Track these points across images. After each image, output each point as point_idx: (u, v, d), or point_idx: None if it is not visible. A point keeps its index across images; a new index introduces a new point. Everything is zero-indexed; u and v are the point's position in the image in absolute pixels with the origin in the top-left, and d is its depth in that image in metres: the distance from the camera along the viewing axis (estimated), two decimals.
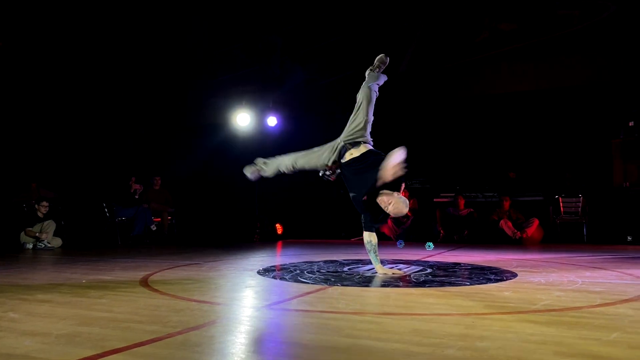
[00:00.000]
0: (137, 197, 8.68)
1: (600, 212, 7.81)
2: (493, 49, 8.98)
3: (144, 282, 3.41)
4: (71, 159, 9.42)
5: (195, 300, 2.71)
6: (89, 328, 2.05)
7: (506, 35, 8.99)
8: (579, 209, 7.87)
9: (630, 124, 7.57)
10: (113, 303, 2.64)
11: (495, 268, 4.19)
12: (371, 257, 3.89)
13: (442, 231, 8.35)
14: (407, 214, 8.64)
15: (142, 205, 8.51)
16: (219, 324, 2.15)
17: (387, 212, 3.70)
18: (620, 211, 7.45)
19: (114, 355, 1.65)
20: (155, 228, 8.51)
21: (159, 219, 8.75)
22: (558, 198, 8.06)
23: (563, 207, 8.02)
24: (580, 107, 8.24)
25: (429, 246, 3.56)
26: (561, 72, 8.44)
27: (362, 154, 3.96)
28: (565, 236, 7.88)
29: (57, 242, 7.34)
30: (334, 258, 5.18)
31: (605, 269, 4.06)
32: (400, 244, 3.52)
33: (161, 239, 8.62)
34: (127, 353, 1.68)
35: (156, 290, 3.06)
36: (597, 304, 2.55)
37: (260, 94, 9.88)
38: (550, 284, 3.25)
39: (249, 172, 4.58)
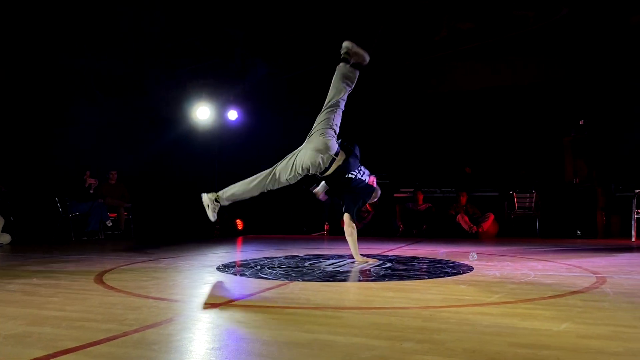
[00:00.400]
0: (91, 191, 8.42)
1: (552, 207, 8.12)
2: (451, 48, 9.15)
3: (99, 280, 3.31)
4: (22, 151, 9.03)
5: (152, 298, 2.65)
6: (40, 328, 1.98)
7: (464, 34, 9.18)
8: (532, 204, 8.15)
9: (580, 123, 7.89)
10: (66, 301, 2.55)
11: (453, 262, 4.29)
12: (354, 245, 4.16)
13: (401, 226, 8.49)
14: (367, 209, 8.78)
15: (97, 200, 8.26)
16: (177, 321, 2.11)
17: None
18: (570, 206, 7.77)
19: (67, 356, 1.59)
20: (110, 224, 8.28)
21: (115, 215, 8.51)
22: (512, 193, 8.33)
23: (517, 202, 8.29)
24: (534, 106, 8.53)
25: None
26: (516, 71, 8.70)
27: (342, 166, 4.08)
28: (519, 230, 8.16)
29: (6, 238, 7.02)
30: (295, 253, 5.18)
31: (556, 262, 4.22)
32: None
33: (117, 235, 8.40)
34: (80, 353, 1.63)
35: (111, 288, 2.97)
36: (548, 296, 2.64)
37: (220, 87, 9.74)
38: (504, 277, 3.35)
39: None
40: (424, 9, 9.09)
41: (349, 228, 4.13)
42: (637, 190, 6.71)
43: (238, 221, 9.26)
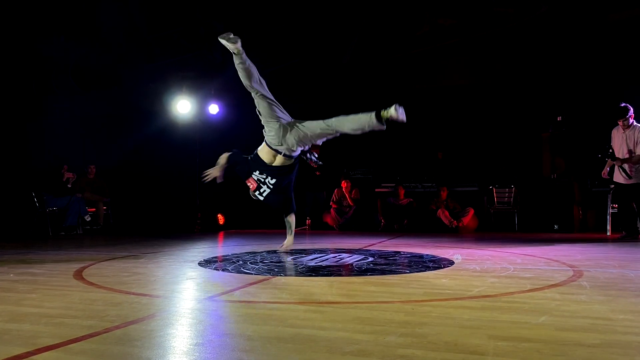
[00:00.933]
0: (69, 186, 8.28)
1: (530, 202, 8.25)
2: (433, 43, 9.21)
3: (78, 275, 3.27)
4: None
5: (133, 294, 2.62)
6: (18, 325, 1.95)
7: (446, 30, 9.24)
8: (511, 199, 8.28)
9: (558, 119, 8.02)
10: (45, 298, 2.51)
11: (434, 256, 4.33)
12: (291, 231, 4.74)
13: (382, 220, 8.54)
14: (349, 204, 8.81)
15: (75, 195, 8.13)
16: (159, 317, 2.09)
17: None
18: (548, 201, 7.91)
19: (47, 353, 1.57)
20: (89, 219, 8.16)
21: (94, 209, 8.39)
22: (492, 188, 8.44)
23: (496, 197, 8.41)
24: (513, 102, 8.64)
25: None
26: (496, 67, 8.79)
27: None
28: (499, 225, 8.27)
29: None
30: (278, 248, 5.17)
31: (534, 256, 4.30)
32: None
33: (96, 230, 8.29)
34: (61, 350, 1.60)
35: (92, 284, 2.94)
36: (527, 289, 2.69)
37: (201, 80, 9.64)
38: (484, 271, 3.40)
39: None
40: (405, 4, 9.13)
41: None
42: (612, 186, 6.85)
43: (219, 216, 9.21)
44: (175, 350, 1.63)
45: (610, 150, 6.16)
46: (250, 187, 4.43)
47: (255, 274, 3.27)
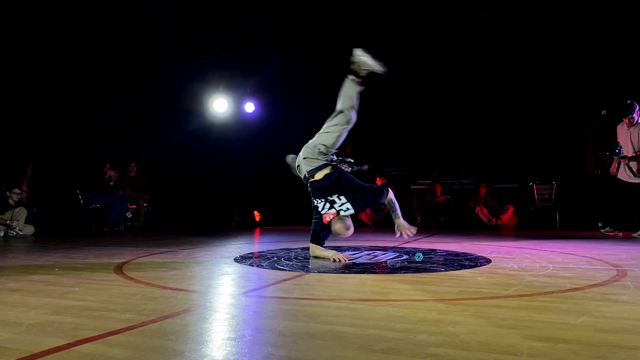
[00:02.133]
0: (111, 183, 8.56)
1: (573, 199, 7.99)
2: (470, 37, 9.03)
3: (119, 270, 3.37)
4: (45, 145, 9.20)
5: (170, 288, 2.69)
6: (61, 317, 2.03)
7: (483, 23, 9.04)
8: (552, 196, 8.04)
9: (602, 113, 7.73)
10: (86, 291, 2.61)
11: (470, 254, 4.26)
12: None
13: (419, 218, 8.45)
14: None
15: (117, 192, 8.40)
16: (194, 311, 2.14)
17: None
18: (591, 198, 7.63)
19: (86, 345, 1.63)
20: (130, 215, 8.42)
21: (135, 206, 8.65)
22: (532, 185, 8.22)
23: (537, 194, 8.18)
24: (556, 96, 8.37)
25: (419, 257, 3.59)
26: (537, 60, 8.54)
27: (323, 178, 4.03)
28: (539, 222, 8.05)
29: (29, 229, 7.20)
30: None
31: (576, 255, 4.17)
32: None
33: (137, 226, 8.53)
34: (99, 342, 1.66)
35: (131, 278, 3.03)
36: (566, 288, 2.61)
37: (237, 79, 9.77)
38: (522, 269, 3.32)
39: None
40: None
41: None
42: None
43: (256, 213, 9.32)
44: (208, 344, 1.67)
45: (619, 148, 6.03)
46: (332, 217, 3.95)
47: (289, 270, 3.30)
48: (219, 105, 9.01)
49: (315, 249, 4.05)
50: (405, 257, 4.08)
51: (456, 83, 9.14)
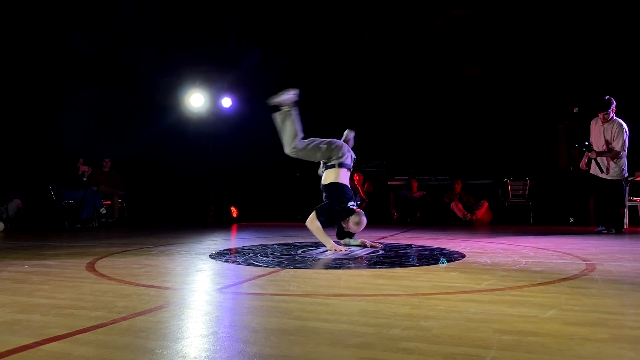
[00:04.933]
0: (85, 179, 8.40)
1: (546, 194, 8.15)
2: (447, 35, 9.11)
3: (91, 267, 3.31)
4: (14, 139, 8.97)
5: (143, 285, 2.65)
6: (28, 315, 1.98)
7: (460, 21, 9.13)
8: (526, 192, 8.18)
9: (575, 110, 7.89)
10: (56, 289, 2.55)
11: (445, 249, 4.31)
12: (323, 235, 4.22)
13: (395, 213, 8.52)
14: (362, 197, 8.79)
15: (90, 188, 8.24)
16: (167, 308, 2.11)
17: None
18: (564, 194, 7.80)
19: (54, 343, 1.59)
20: (104, 211, 8.28)
21: (109, 202, 8.51)
22: (506, 181, 8.35)
23: (511, 190, 8.32)
24: (529, 93, 8.51)
25: (443, 262, 3.59)
26: (512, 58, 8.67)
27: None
28: (513, 218, 8.20)
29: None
30: (289, 241, 5.19)
31: (547, 249, 4.25)
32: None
33: (111, 222, 8.40)
34: (67, 340, 1.63)
35: (103, 275, 2.98)
36: (537, 282, 2.66)
37: (214, 74, 9.68)
38: (495, 264, 3.37)
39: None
40: None
41: (312, 223, 4.20)
42: (630, 178, 6.73)
43: (233, 209, 9.26)
44: (179, 341, 1.64)
45: (587, 142, 6.08)
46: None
47: (264, 267, 3.29)
48: (196, 100, 8.92)
49: (319, 231, 4.20)
50: (381, 252, 4.10)
51: (433, 80, 9.22)
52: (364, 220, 4.25)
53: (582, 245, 4.64)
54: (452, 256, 3.82)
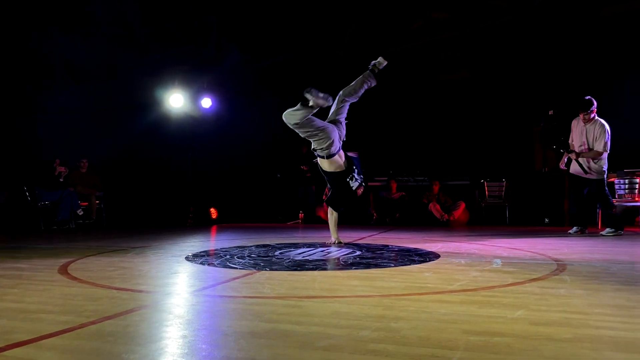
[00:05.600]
0: (61, 180, 8.27)
1: (522, 195, 8.28)
2: (427, 37, 9.18)
3: (63, 270, 3.27)
4: None
5: (115, 288, 2.62)
6: None
7: (439, 24, 9.21)
8: (502, 193, 8.30)
9: (550, 113, 8.03)
10: (26, 293, 2.51)
11: (421, 250, 4.35)
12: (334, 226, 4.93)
13: (375, 214, 8.56)
14: None
15: (67, 189, 8.12)
16: (138, 312, 2.10)
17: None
18: (539, 195, 7.93)
19: (18, 349, 1.57)
20: (82, 213, 8.16)
21: (86, 203, 8.39)
22: (483, 182, 8.46)
23: (488, 191, 8.43)
24: (506, 96, 8.64)
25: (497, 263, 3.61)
26: (490, 61, 8.78)
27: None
28: (490, 218, 8.30)
29: None
30: (267, 242, 5.18)
31: (521, 250, 4.32)
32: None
33: (88, 224, 8.28)
34: (32, 346, 1.61)
35: (75, 278, 2.94)
36: (508, 283, 2.71)
37: (194, 74, 9.60)
38: (469, 264, 3.41)
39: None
40: None
41: (331, 215, 4.96)
42: None
43: (212, 210, 9.21)
44: (147, 345, 1.64)
45: (564, 141, 6.06)
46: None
47: (240, 269, 3.28)
48: (175, 100, 8.84)
49: (332, 224, 4.93)
50: (358, 253, 4.13)
51: (413, 82, 9.30)
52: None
53: (555, 245, 4.72)
54: (428, 257, 3.86)
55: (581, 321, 1.90)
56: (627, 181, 6.78)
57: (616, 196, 6.71)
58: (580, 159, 5.95)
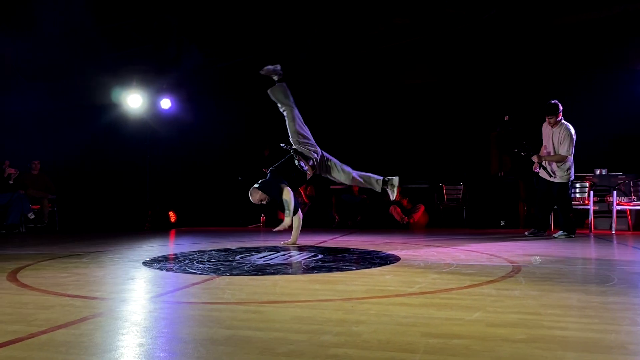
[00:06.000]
0: (11, 182, 7.93)
1: (479, 199, 8.50)
2: (388, 42, 9.31)
3: (12, 277, 3.13)
4: None
5: (68, 295, 2.53)
6: None
7: (400, 30, 9.35)
8: (460, 196, 8.49)
9: (505, 118, 8.27)
10: None
11: (382, 252, 4.39)
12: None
13: (337, 217, 8.60)
14: (304, 200, 8.82)
15: (17, 192, 7.79)
16: (92, 320, 2.03)
17: None
18: (495, 198, 8.16)
19: None
20: (33, 216, 7.85)
21: (38, 207, 8.08)
22: (442, 185, 8.64)
23: (446, 194, 8.61)
24: (464, 101, 8.85)
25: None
26: (448, 67, 8.98)
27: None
28: (448, 221, 8.48)
29: None
30: (228, 246, 5.12)
31: (478, 252, 4.42)
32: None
33: (40, 228, 7.97)
34: None
35: (25, 285, 2.82)
36: (466, 285, 2.76)
37: (153, 74, 9.40)
38: (428, 267, 3.47)
39: None
40: (361, 2, 9.17)
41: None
42: None
43: (171, 213, 9.03)
44: (102, 354, 1.58)
45: (528, 146, 6.16)
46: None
47: (200, 274, 3.22)
48: (133, 101, 8.63)
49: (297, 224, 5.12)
50: (320, 256, 4.13)
51: (374, 86, 9.40)
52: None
53: (511, 247, 4.86)
54: (388, 259, 3.90)
55: (535, 322, 1.95)
56: (578, 185, 7.06)
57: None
58: (543, 163, 6.03)
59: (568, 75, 8.37)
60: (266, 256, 4.17)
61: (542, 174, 6.17)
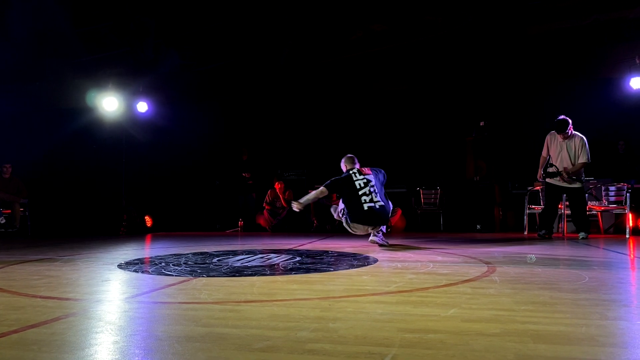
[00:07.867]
0: None
1: (455, 203, 8.61)
2: (366, 49, 9.39)
3: None
4: None
5: (40, 297, 2.48)
6: None
7: (378, 36, 9.45)
8: (437, 200, 8.59)
9: (481, 124, 8.42)
10: None
11: (360, 254, 4.41)
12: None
13: (315, 221, 8.60)
14: (283, 205, 8.80)
15: None
16: (65, 319, 1.99)
17: None
18: (471, 202, 8.28)
19: None
20: (4, 221, 7.66)
21: (9, 211, 7.89)
22: (419, 190, 8.73)
23: (423, 198, 8.70)
24: (440, 107, 8.98)
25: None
26: (425, 73, 9.10)
27: None
28: (425, 225, 8.56)
29: None
30: (205, 250, 5.08)
31: (454, 253, 4.48)
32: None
33: (11, 232, 7.78)
34: None
35: None
36: (442, 284, 2.80)
37: (130, 77, 9.29)
38: (405, 268, 3.50)
39: None
40: (339, 9, 9.24)
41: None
42: (529, 188, 7.27)
43: (147, 218, 8.91)
44: (75, 352, 1.55)
45: (554, 169, 6.22)
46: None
47: (176, 276, 3.19)
48: (109, 104, 8.51)
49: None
50: (298, 258, 4.12)
51: (352, 92, 9.47)
52: None
53: (486, 249, 4.93)
54: (366, 261, 3.92)
55: (509, 317, 1.99)
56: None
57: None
58: (565, 175, 6.15)
59: (542, 82, 8.57)
60: (244, 259, 4.15)
61: (555, 181, 6.29)
